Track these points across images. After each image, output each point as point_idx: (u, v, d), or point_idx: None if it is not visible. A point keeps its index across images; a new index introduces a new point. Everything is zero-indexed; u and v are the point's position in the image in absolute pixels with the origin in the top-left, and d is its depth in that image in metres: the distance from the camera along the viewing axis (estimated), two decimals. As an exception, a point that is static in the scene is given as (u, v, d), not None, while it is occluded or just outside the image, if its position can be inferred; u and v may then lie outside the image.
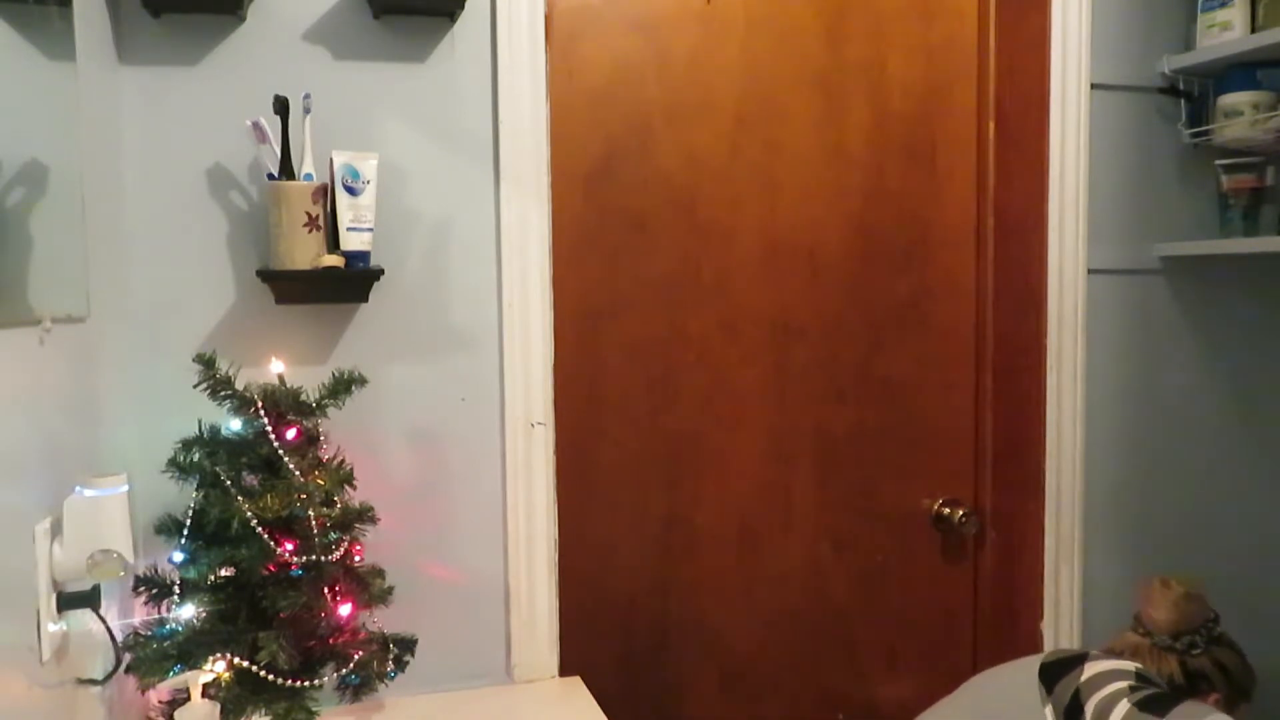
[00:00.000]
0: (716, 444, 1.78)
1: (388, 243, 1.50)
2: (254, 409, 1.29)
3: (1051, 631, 1.84)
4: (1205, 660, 1.45)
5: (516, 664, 1.59)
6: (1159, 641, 1.47)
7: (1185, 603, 1.49)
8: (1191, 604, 1.49)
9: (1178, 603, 1.49)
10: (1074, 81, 1.80)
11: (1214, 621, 1.50)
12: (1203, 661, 1.45)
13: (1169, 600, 1.50)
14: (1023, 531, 1.87)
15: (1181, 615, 1.48)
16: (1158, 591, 1.51)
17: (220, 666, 1.21)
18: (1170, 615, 1.49)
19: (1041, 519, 1.83)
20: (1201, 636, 1.47)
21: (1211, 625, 1.49)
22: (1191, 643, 1.47)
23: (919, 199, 1.85)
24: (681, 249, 1.75)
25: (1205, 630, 1.48)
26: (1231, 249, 1.83)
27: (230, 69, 1.44)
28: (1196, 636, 1.46)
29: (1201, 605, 1.49)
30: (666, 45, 1.72)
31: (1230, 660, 1.46)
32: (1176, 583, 1.52)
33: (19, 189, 0.97)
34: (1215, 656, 1.46)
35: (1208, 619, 1.49)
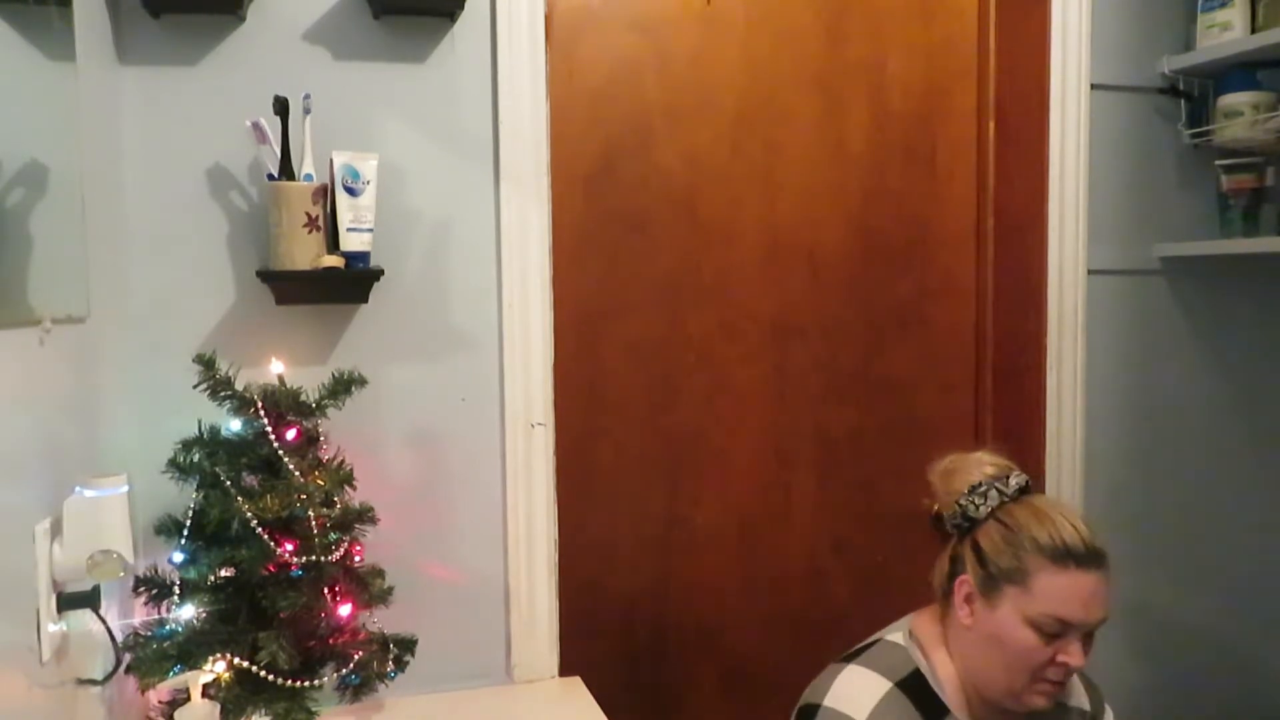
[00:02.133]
0: (716, 444, 1.78)
1: (388, 243, 1.49)
2: (254, 409, 1.29)
3: (1051, 631, 1.84)
4: (965, 542, 1.23)
5: (516, 664, 1.59)
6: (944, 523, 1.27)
7: (941, 476, 1.28)
8: (951, 475, 1.26)
9: (936, 475, 1.29)
10: (1074, 81, 1.80)
11: (977, 490, 1.22)
12: (963, 544, 1.24)
13: (932, 475, 1.29)
14: (1023, 531, 1.87)
15: (944, 489, 1.26)
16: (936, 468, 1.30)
17: (220, 666, 1.21)
18: (939, 493, 1.28)
19: (1041, 519, 1.83)
20: (958, 509, 1.23)
21: (973, 493, 1.22)
22: (951, 519, 1.25)
23: (919, 199, 1.85)
24: (681, 249, 1.75)
25: (962, 502, 1.23)
26: (1231, 249, 1.83)
27: (230, 69, 1.44)
28: (955, 508, 1.24)
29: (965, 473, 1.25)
30: (666, 45, 1.72)
31: (989, 537, 1.20)
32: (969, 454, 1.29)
33: (19, 189, 0.97)
34: (975, 537, 1.22)
35: (971, 487, 1.23)
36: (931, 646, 1.25)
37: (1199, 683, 1.97)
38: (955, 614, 1.22)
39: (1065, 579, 1.14)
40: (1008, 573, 1.17)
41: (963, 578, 1.21)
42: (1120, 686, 1.89)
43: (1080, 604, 1.14)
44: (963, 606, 1.21)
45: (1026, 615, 1.15)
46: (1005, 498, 1.22)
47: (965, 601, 1.21)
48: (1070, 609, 1.14)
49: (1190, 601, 1.95)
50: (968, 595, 1.21)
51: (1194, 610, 1.96)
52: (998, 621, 1.17)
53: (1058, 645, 1.15)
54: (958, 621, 1.22)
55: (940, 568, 1.26)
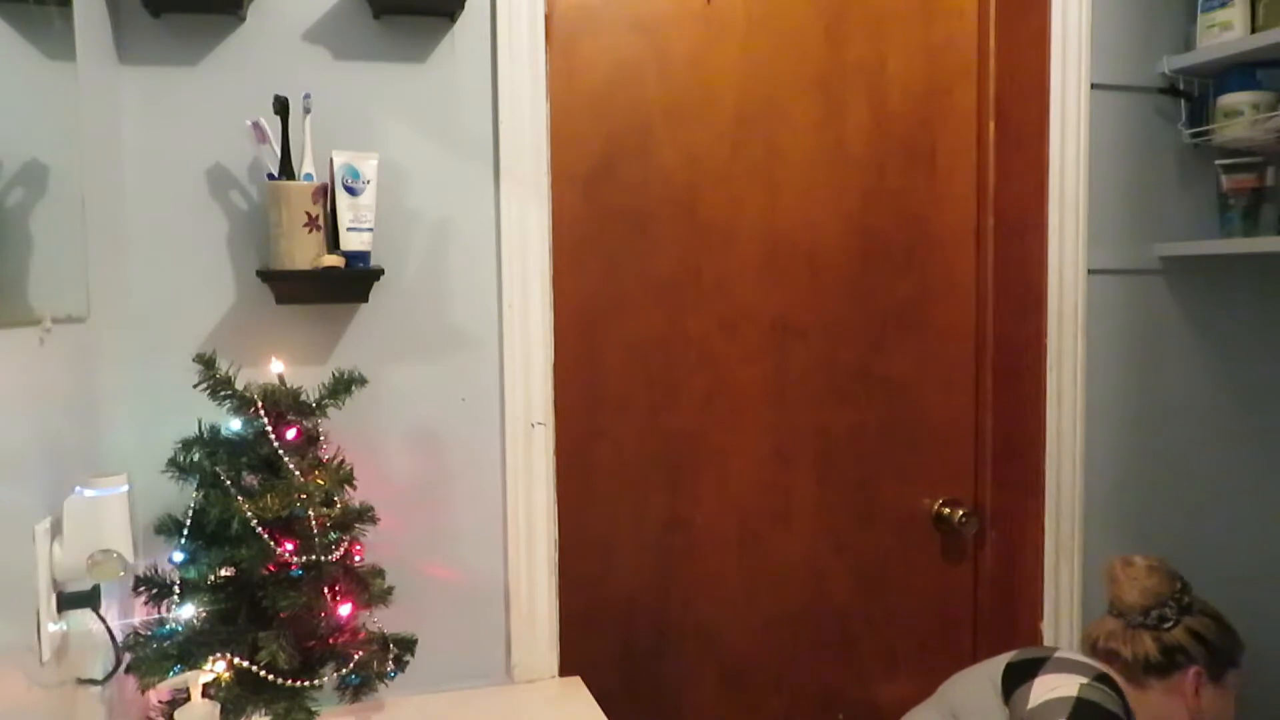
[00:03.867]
0: (716, 444, 1.79)
1: (388, 243, 1.50)
2: (254, 409, 1.29)
3: (1051, 631, 1.84)
4: (1179, 633, 1.43)
5: (516, 664, 1.59)
6: (1131, 621, 1.45)
7: (1148, 577, 1.47)
8: (1154, 577, 1.47)
9: (1139, 578, 1.47)
10: (1074, 81, 1.80)
11: (1182, 591, 1.47)
12: (1177, 635, 1.43)
13: (1131, 577, 1.47)
14: (1022, 531, 1.87)
15: (1146, 590, 1.46)
16: (1120, 570, 1.49)
17: (220, 666, 1.21)
18: (1136, 592, 1.46)
19: (1041, 519, 1.83)
20: (1171, 609, 1.44)
21: (1180, 595, 1.46)
22: (1161, 616, 1.44)
23: (919, 199, 1.85)
24: (681, 249, 1.75)
25: (1174, 601, 1.45)
26: (1231, 249, 1.83)
27: (230, 69, 1.44)
28: (1166, 609, 1.44)
29: (1166, 577, 1.47)
30: (666, 45, 1.72)
31: (1205, 627, 1.44)
32: (1139, 559, 1.50)
33: (19, 189, 0.97)
34: (1190, 626, 1.43)
35: (1175, 589, 1.46)
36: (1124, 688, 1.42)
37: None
38: (1159, 698, 1.42)
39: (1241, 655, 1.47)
40: (1233, 658, 1.45)
41: (1197, 669, 1.42)
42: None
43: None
44: (1192, 697, 1.42)
45: (1236, 690, 1.45)
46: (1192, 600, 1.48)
47: (1195, 691, 1.42)
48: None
49: (1190, 601, 1.95)
50: (1199, 686, 1.42)
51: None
52: (1225, 700, 1.44)
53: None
54: (1167, 704, 1.42)
55: (1134, 649, 1.44)
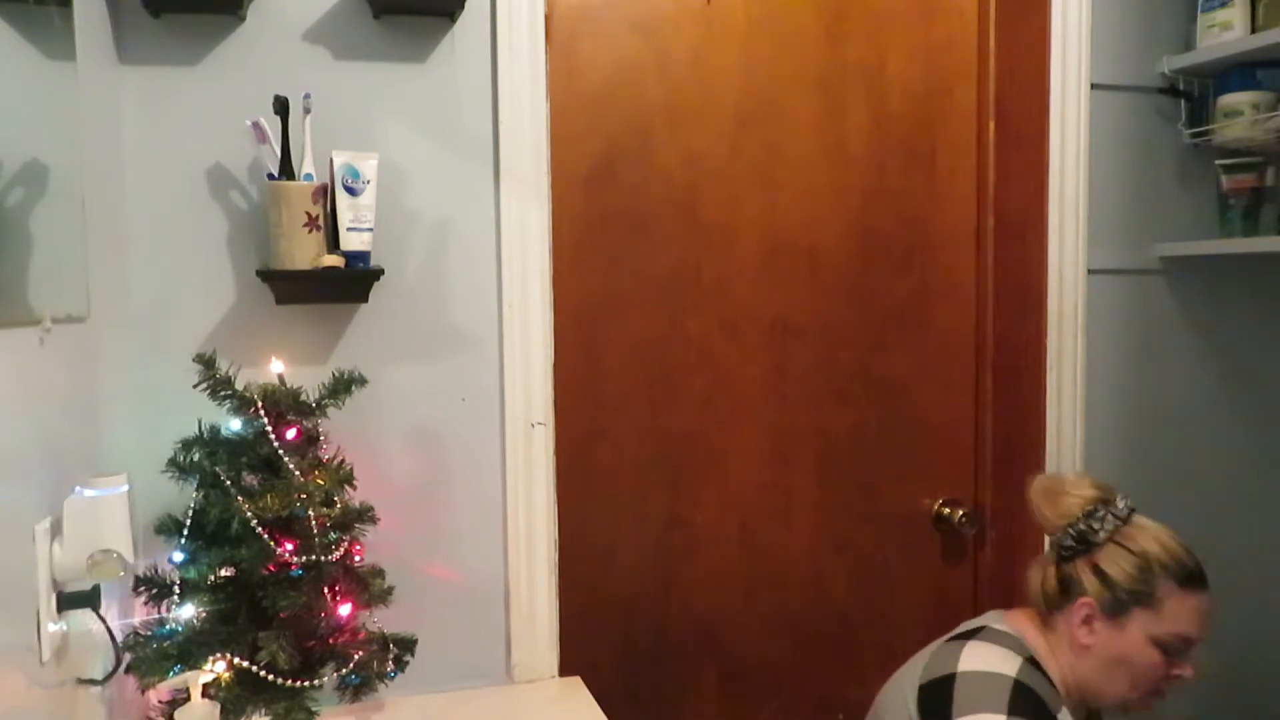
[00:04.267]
0: (716, 444, 1.78)
1: (388, 243, 1.50)
2: (254, 409, 1.29)
3: (1051, 631, 1.84)
4: (1081, 564, 1.28)
5: (516, 664, 1.59)
6: (1051, 545, 1.33)
7: (1044, 498, 1.32)
8: (1061, 501, 1.30)
9: (1038, 496, 1.33)
10: (1074, 81, 1.80)
11: (1094, 515, 1.28)
12: (1074, 567, 1.29)
13: (1051, 496, 1.32)
14: (1023, 531, 1.87)
15: (1052, 512, 1.31)
16: (1044, 487, 1.34)
17: (220, 666, 1.21)
18: (1042, 514, 1.33)
19: (1041, 519, 1.84)
20: (1072, 534, 1.28)
21: (1089, 519, 1.28)
22: (1062, 543, 1.30)
23: (919, 199, 1.85)
24: (681, 249, 1.75)
25: (1079, 526, 1.28)
26: (1231, 249, 1.83)
27: (230, 69, 1.44)
28: (1070, 532, 1.29)
29: (1081, 500, 1.29)
30: (666, 45, 1.72)
31: (1114, 563, 1.26)
32: (1070, 476, 1.35)
33: (19, 189, 0.97)
34: (1094, 560, 1.27)
35: (1084, 515, 1.28)
36: (1037, 645, 1.30)
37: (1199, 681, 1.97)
38: (1071, 631, 1.28)
39: (1192, 600, 1.24)
40: (1138, 596, 1.24)
41: (1085, 600, 1.26)
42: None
43: (1201, 622, 1.25)
44: (1081, 627, 1.27)
45: (1154, 636, 1.23)
46: (1120, 521, 1.28)
47: (1084, 622, 1.27)
48: (1195, 628, 1.24)
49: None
50: (1088, 617, 1.27)
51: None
52: (1124, 642, 1.25)
53: (1176, 660, 1.25)
54: (1073, 639, 1.28)
55: (1044, 584, 1.32)
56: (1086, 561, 1.28)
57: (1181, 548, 1.26)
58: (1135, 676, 1.26)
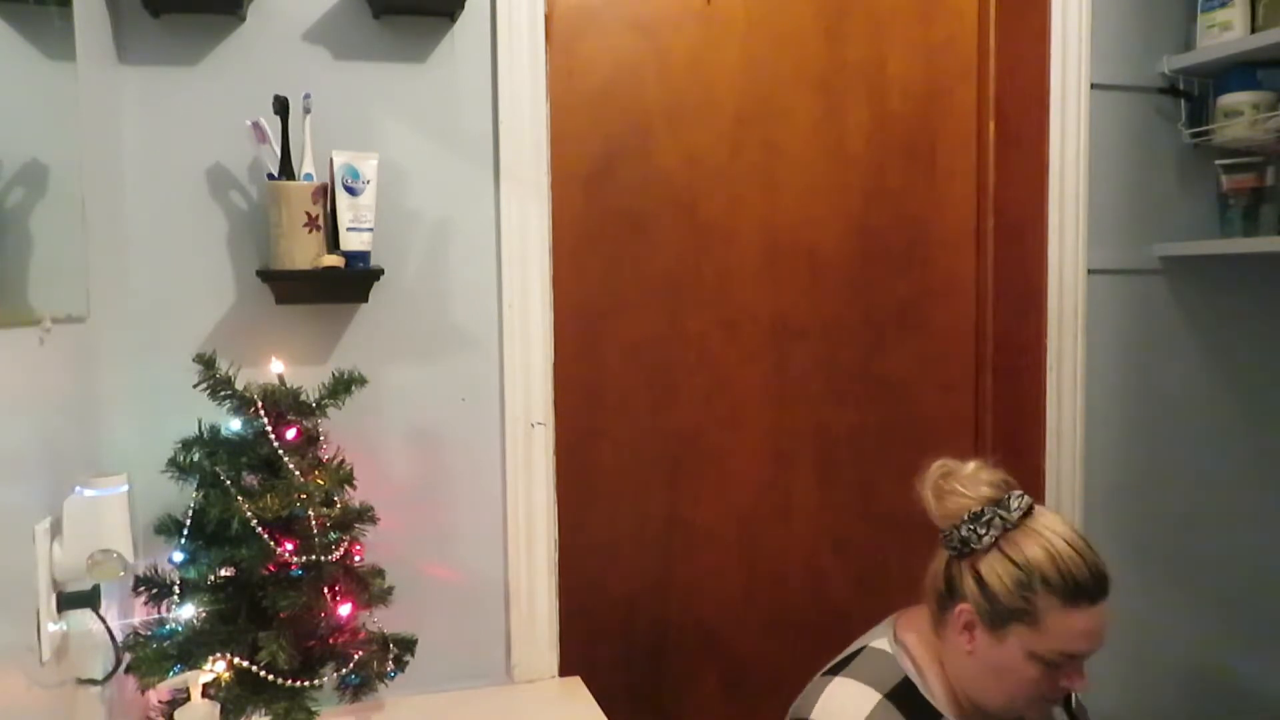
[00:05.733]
0: (716, 444, 1.78)
1: (388, 243, 1.49)
2: (254, 409, 1.29)
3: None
4: (963, 565, 1.16)
5: (516, 664, 1.59)
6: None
7: (933, 494, 1.19)
8: (943, 496, 1.18)
9: (927, 490, 1.20)
10: (1074, 81, 1.80)
11: (979, 519, 1.15)
12: (959, 569, 1.17)
13: (922, 489, 1.20)
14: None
15: (939, 509, 1.19)
16: (927, 480, 1.21)
17: (220, 666, 1.21)
18: (930, 509, 1.20)
19: (1041, 519, 1.83)
20: (957, 537, 1.16)
21: (974, 522, 1.15)
22: (947, 540, 1.18)
23: (919, 199, 1.85)
24: (681, 249, 1.75)
25: (961, 531, 1.16)
26: (1231, 249, 1.83)
27: (230, 69, 1.44)
28: (953, 532, 1.16)
29: (960, 495, 1.17)
30: (666, 45, 1.72)
31: (993, 573, 1.13)
32: (970, 465, 1.20)
33: (19, 189, 0.97)
34: (976, 565, 1.15)
35: (973, 515, 1.15)
36: (921, 653, 1.22)
37: (1199, 682, 1.97)
38: (952, 637, 1.18)
39: (1077, 618, 1.11)
40: (1017, 613, 1.12)
41: (964, 607, 1.16)
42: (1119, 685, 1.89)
43: (1089, 639, 1.12)
44: (962, 633, 1.16)
45: (1034, 652, 1.12)
46: (1008, 525, 1.15)
47: (965, 629, 1.16)
48: (1080, 645, 1.12)
49: (1190, 601, 1.95)
50: (968, 624, 1.16)
51: (1194, 609, 1.96)
52: (1002, 655, 1.14)
53: (1062, 672, 1.14)
54: (955, 644, 1.18)
55: (934, 581, 1.21)
56: (969, 565, 1.16)
57: (1075, 556, 1.12)
58: (1015, 690, 1.15)
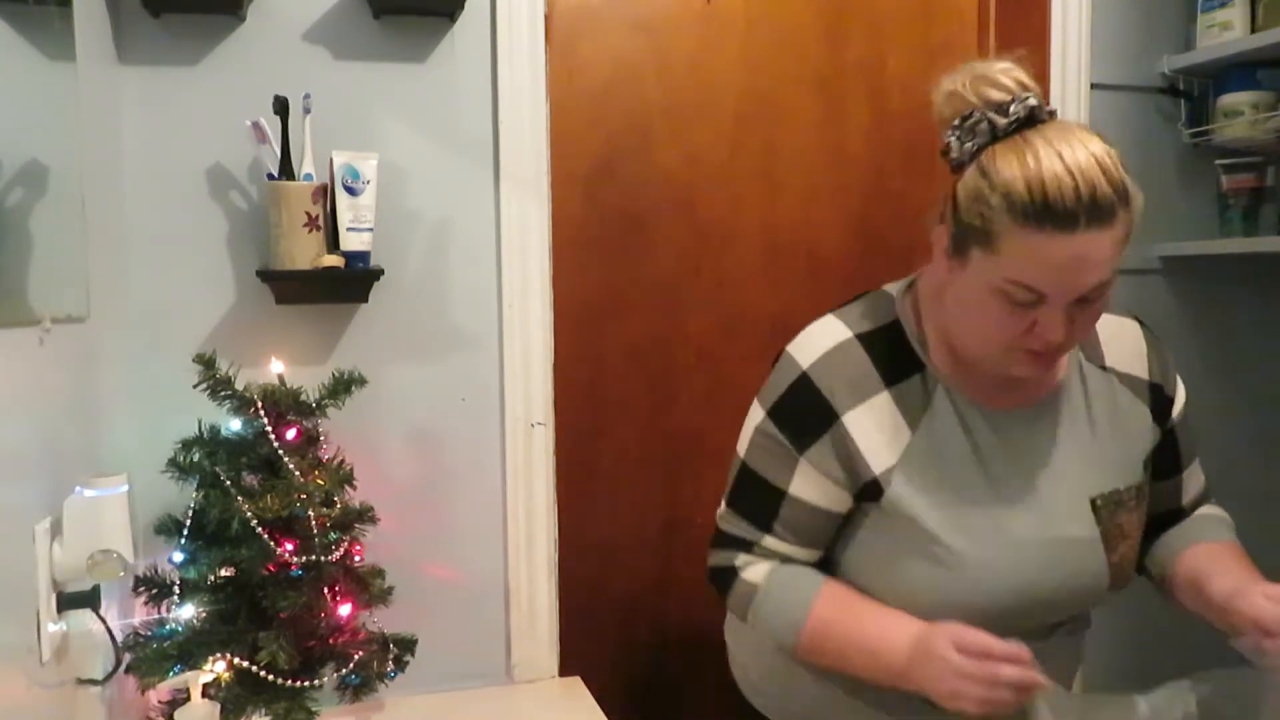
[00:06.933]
0: (717, 444, 1.78)
1: (388, 243, 1.49)
2: (254, 409, 1.29)
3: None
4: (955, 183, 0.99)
5: (516, 664, 1.59)
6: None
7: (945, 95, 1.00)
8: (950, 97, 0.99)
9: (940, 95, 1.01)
10: (1074, 81, 1.79)
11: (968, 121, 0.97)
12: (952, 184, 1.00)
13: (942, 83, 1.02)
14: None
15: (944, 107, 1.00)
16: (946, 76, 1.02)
17: (220, 666, 1.21)
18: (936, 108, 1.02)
19: (1041, 519, 1.83)
20: (949, 140, 0.98)
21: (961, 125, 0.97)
22: (944, 151, 1.00)
23: (919, 199, 1.85)
24: (681, 249, 1.74)
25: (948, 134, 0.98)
26: (1231, 249, 1.83)
27: (230, 69, 1.44)
28: (949, 138, 0.99)
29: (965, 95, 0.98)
30: (666, 45, 1.72)
31: (964, 184, 0.97)
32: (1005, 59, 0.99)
33: (19, 189, 0.97)
34: (958, 178, 0.99)
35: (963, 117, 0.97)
36: (928, 297, 1.10)
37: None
38: (938, 269, 1.04)
39: (1038, 242, 0.91)
40: (975, 232, 0.95)
41: (940, 228, 1.02)
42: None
43: (1056, 271, 0.93)
44: (940, 259, 1.02)
45: (992, 283, 0.95)
46: (996, 133, 0.95)
47: (943, 255, 1.02)
48: (1044, 277, 0.93)
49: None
50: (943, 250, 1.01)
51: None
52: (966, 284, 0.99)
53: (1036, 314, 0.96)
54: (938, 276, 1.05)
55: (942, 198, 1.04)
56: (956, 179, 0.99)
57: (1063, 175, 0.91)
58: (982, 329, 0.99)
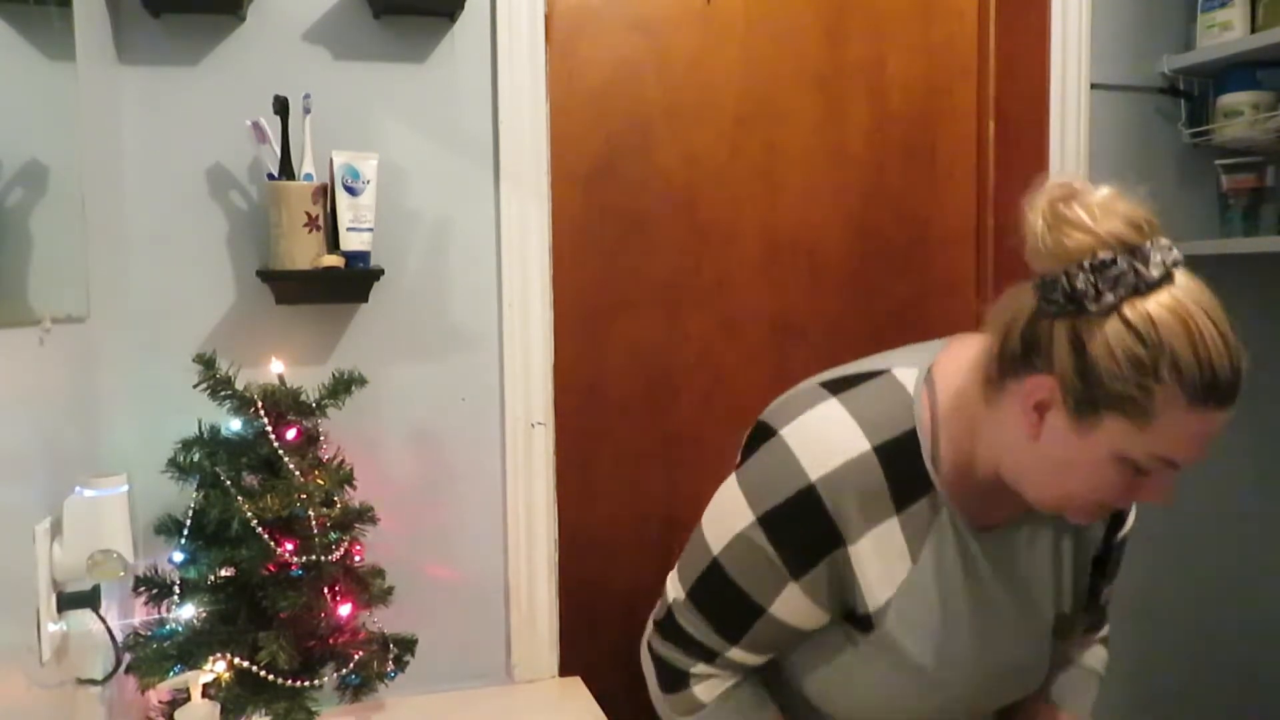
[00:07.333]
0: (716, 444, 1.78)
1: (388, 243, 1.49)
2: (254, 409, 1.29)
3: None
4: (1059, 328, 0.84)
5: (516, 664, 1.59)
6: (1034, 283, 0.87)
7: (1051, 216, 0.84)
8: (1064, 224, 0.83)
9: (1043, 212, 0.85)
10: (1074, 81, 1.79)
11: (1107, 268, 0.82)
12: (1050, 327, 0.85)
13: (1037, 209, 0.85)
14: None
15: (1052, 242, 0.84)
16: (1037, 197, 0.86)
17: (220, 666, 1.21)
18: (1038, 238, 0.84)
19: (1041, 519, 1.83)
20: (1063, 284, 0.83)
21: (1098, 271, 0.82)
22: (1047, 289, 0.84)
23: (919, 199, 1.85)
24: (681, 249, 1.74)
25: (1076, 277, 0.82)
26: (1231, 249, 1.82)
27: (230, 69, 1.44)
28: (1062, 279, 0.83)
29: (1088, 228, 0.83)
30: (666, 45, 1.72)
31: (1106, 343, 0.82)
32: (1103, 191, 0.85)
33: (19, 189, 0.97)
34: (1077, 327, 0.83)
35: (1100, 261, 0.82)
36: (950, 402, 0.96)
37: (1197, 683, 1.97)
38: (1008, 406, 0.90)
39: (1197, 418, 0.84)
40: (1123, 401, 0.83)
41: (1042, 380, 0.86)
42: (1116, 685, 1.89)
43: (1200, 444, 0.86)
44: (1030, 412, 0.88)
45: (1126, 453, 0.85)
46: (1142, 285, 0.83)
47: (1034, 408, 0.88)
48: (1189, 452, 0.86)
49: (1190, 601, 1.95)
50: (1041, 403, 0.87)
51: (1194, 610, 1.96)
52: (1080, 448, 0.86)
53: (1149, 481, 0.89)
54: (1011, 418, 0.90)
55: (1006, 334, 0.89)
56: (1068, 328, 0.84)
57: (1220, 342, 0.85)
58: (1078, 491, 0.90)
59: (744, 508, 0.98)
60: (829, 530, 0.95)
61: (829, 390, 1.00)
